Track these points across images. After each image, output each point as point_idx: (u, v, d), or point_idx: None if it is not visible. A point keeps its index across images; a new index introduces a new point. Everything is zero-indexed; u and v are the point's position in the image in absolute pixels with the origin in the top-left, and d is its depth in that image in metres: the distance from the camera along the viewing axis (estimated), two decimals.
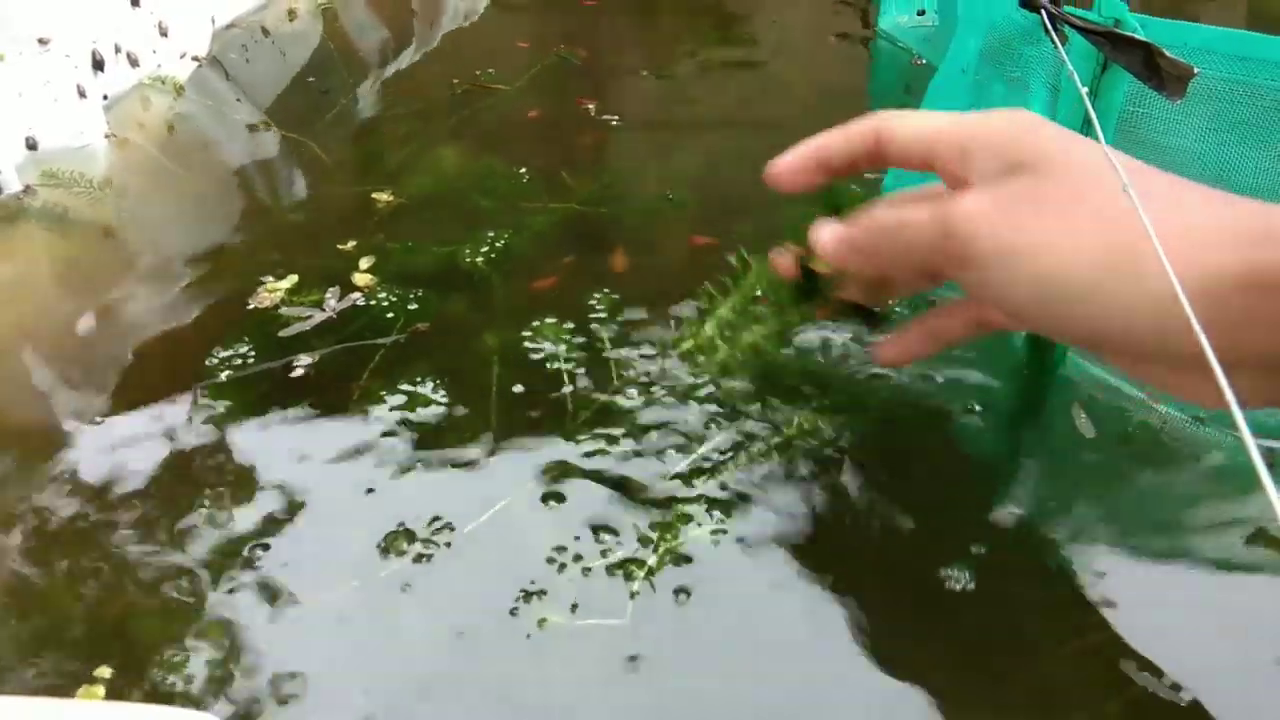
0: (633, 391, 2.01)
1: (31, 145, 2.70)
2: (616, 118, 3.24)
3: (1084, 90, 1.83)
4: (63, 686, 1.50)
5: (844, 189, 1.38)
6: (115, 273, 2.57)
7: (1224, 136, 1.85)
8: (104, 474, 1.89)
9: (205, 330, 2.22)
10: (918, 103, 2.36)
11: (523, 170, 2.98)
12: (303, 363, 2.08)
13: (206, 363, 2.10)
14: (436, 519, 1.76)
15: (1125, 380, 2.05)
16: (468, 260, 2.49)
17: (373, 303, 2.26)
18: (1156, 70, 1.75)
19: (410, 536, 1.71)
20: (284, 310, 2.23)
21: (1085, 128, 1.90)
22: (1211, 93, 1.79)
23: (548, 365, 2.12)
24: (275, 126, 3.11)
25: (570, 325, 2.20)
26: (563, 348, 2.12)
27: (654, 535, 1.70)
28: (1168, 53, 1.68)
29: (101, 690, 1.46)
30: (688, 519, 1.72)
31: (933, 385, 2.15)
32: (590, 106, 3.28)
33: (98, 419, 2.10)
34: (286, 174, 2.95)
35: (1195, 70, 1.69)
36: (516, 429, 2.01)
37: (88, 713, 0.69)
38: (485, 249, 2.48)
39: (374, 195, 2.72)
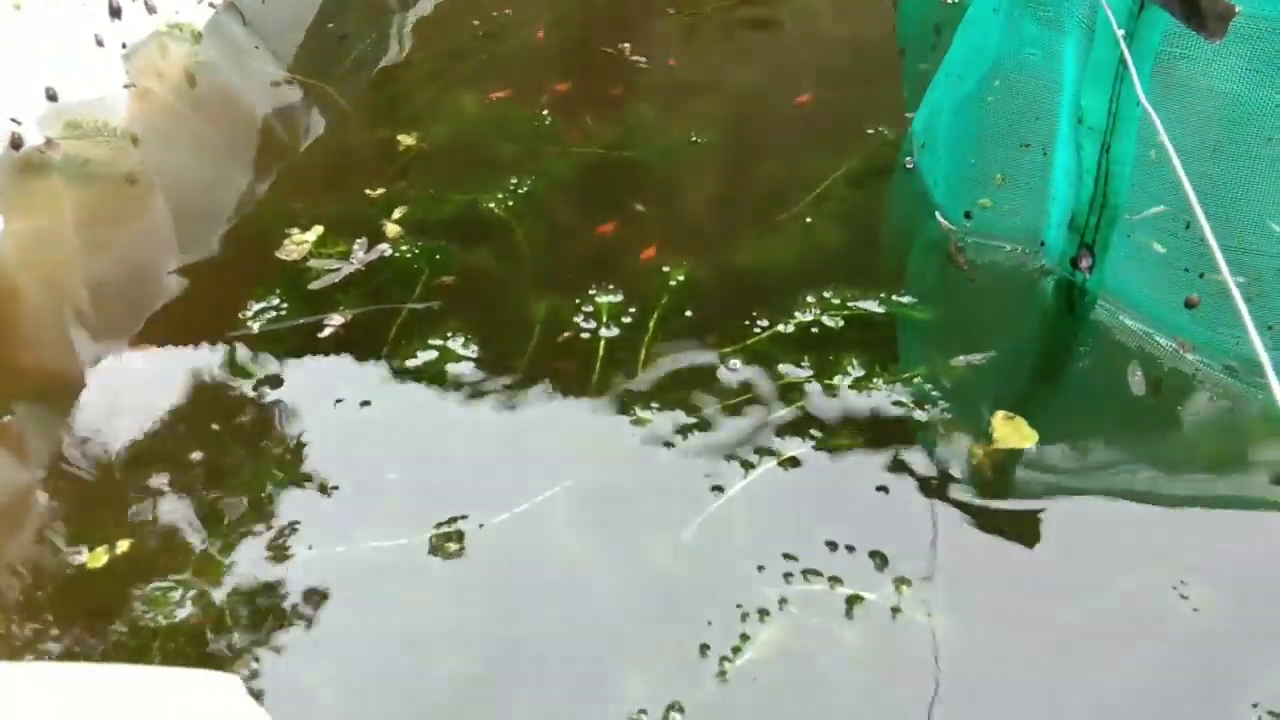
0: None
1: (51, 96, 2.68)
2: (643, 59, 3.18)
3: (1120, 32, 1.79)
4: (79, 649, 1.53)
5: None
6: (140, 223, 2.57)
7: (1264, 78, 1.80)
8: (128, 424, 1.91)
9: (235, 282, 2.23)
10: (948, 42, 2.31)
11: (545, 113, 2.94)
12: (333, 322, 2.09)
13: (239, 315, 2.11)
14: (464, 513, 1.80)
15: (1157, 328, 2.04)
16: (490, 209, 2.48)
17: (398, 254, 2.26)
18: (1196, 9, 1.70)
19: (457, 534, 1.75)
20: (312, 263, 2.23)
21: (1120, 70, 1.85)
22: (1252, 33, 1.74)
23: (576, 324, 2.14)
24: (296, 79, 3.08)
25: (600, 283, 2.21)
26: (588, 308, 2.13)
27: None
28: None
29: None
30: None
31: (964, 330, 2.15)
32: (625, 47, 3.24)
33: (125, 369, 2.13)
34: (307, 122, 2.92)
35: (1237, 9, 1.64)
36: (547, 379, 2.02)
37: (116, 675, 0.70)
38: (507, 197, 2.46)
39: (399, 137, 2.70)
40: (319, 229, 2.31)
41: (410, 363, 2.01)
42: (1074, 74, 1.95)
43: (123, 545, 1.66)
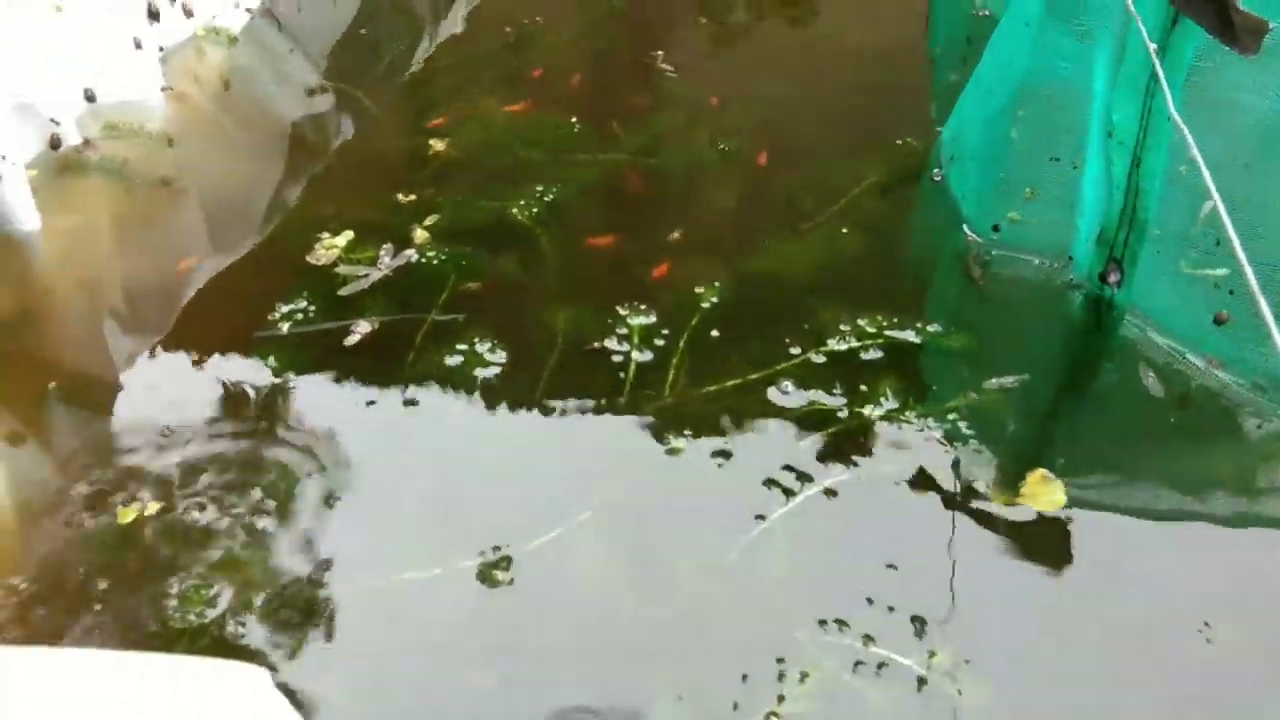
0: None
1: (90, 97, 2.72)
2: (673, 67, 3.19)
3: (1152, 46, 1.78)
4: (118, 630, 1.55)
5: None
6: (174, 225, 2.61)
7: None
8: (161, 422, 1.94)
9: (265, 284, 2.25)
10: (978, 54, 2.30)
11: (573, 120, 2.95)
12: (361, 329, 2.10)
13: (268, 316, 2.14)
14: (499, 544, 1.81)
15: (1186, 344, 2.02)
16: (516, 216, 2.48)
17: (424, 260, 2.28)
18: (1229, 23, 1.69)
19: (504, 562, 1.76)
20: (341, 268, 2.25)
21: (1152, 84, 1.84)
22: None
23: (605, 344, 2.13)
24: (329, 84, 3.11)
25: (629, 298, 2.22)
26: (618, 327, 2.14)
27: None
28: (1241, 5, 1.62)
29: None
30: None
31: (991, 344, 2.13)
32: (655, 55, 3.24)
33: (158, 369, 2.16)
34: (339, 127, 2.95)
35: (1270, 24, 1.63)
36: (571, 390, 2.03)
37: (141, 663, 0.71)
38: (534, 205, 2.46)
39: (429, 143, 2.72)
40: (349, 234, 2.33)
41: (436, 371, 2.03)
42: (1105, 87, 1.94)
43: (153, 542, 1.68)
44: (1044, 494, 1.75)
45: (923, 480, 1.79)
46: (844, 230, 2.38)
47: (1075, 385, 2.13)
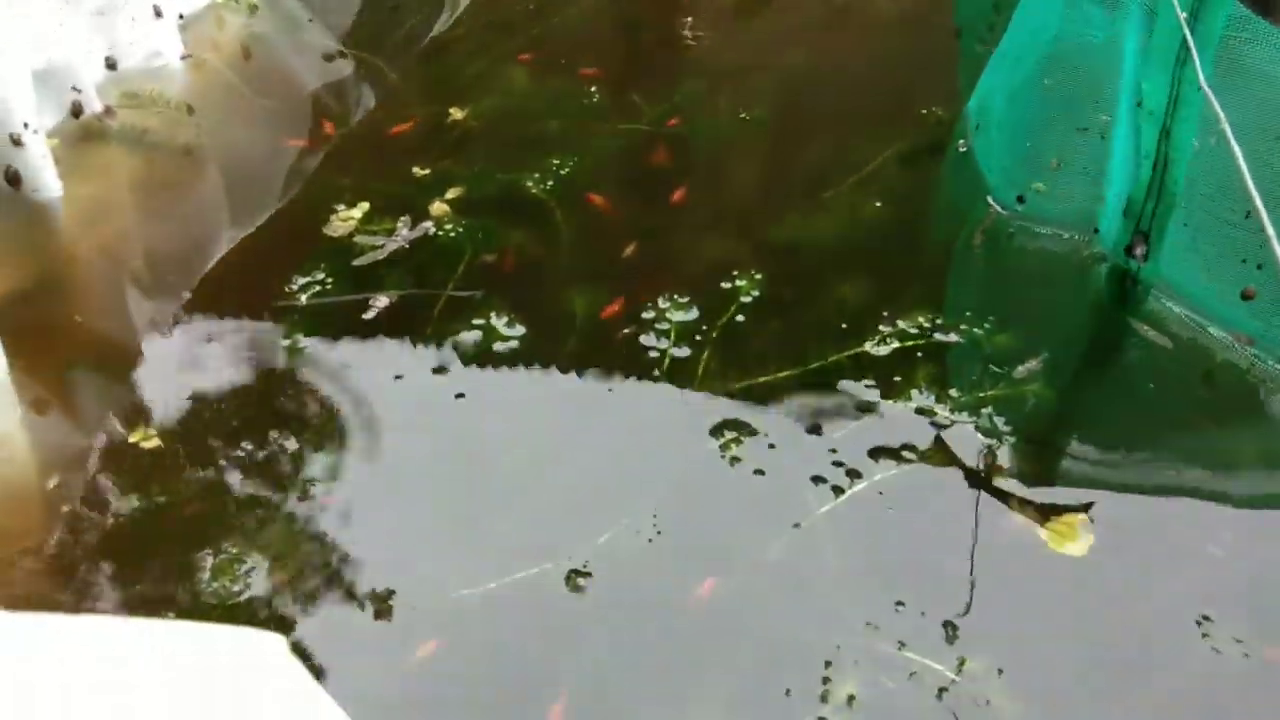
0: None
1: (111, 65, 2.72)
2: (694, 35, 3.14)
3: (1182, 15, 1.74)
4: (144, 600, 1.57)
5: None
6: (194, 193, 2.61)
7: None
8: (181, 390, 1.95)
9: (282, 255, 2.25)
10: (1006, 23, 2.26)
11: (593, 89, 2.91)
12: (379, 303, 2.09)
13: (286, 288, 2.14)
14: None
15: (1212, 319, 2.00)
16: (532, 190, 2.45)
17: (441, 232, 2.28)
18: None
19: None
20: (358, 239, 2.25)
21: (1182, 54, 1.80)
22: None
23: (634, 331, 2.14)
24: (348, 52, 3.09)
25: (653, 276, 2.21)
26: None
27: None
28: None
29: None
30: None
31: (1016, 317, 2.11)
32: (678, 23, 3.20)
33: (178, 336, 2.16)
34: (358, 96, 2.93)
35: None
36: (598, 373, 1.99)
37: (154, 629, 0.72)
38: (552, 176, 2.44)
39: (449, 111, 2.71)
40: (365, 205, 2.33)
41: (452, 346, 2.02)
42: (1134, 57, 1.90)
43: (183, 509, 1.70)
44: (1069, 539, 1.67)
45: (954, 476, 1.77)
46: (870, 202, 2.35)
47: (1101, 362, 2.11)
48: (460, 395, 1.92)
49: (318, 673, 1.47)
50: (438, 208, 2.32)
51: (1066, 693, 1.48)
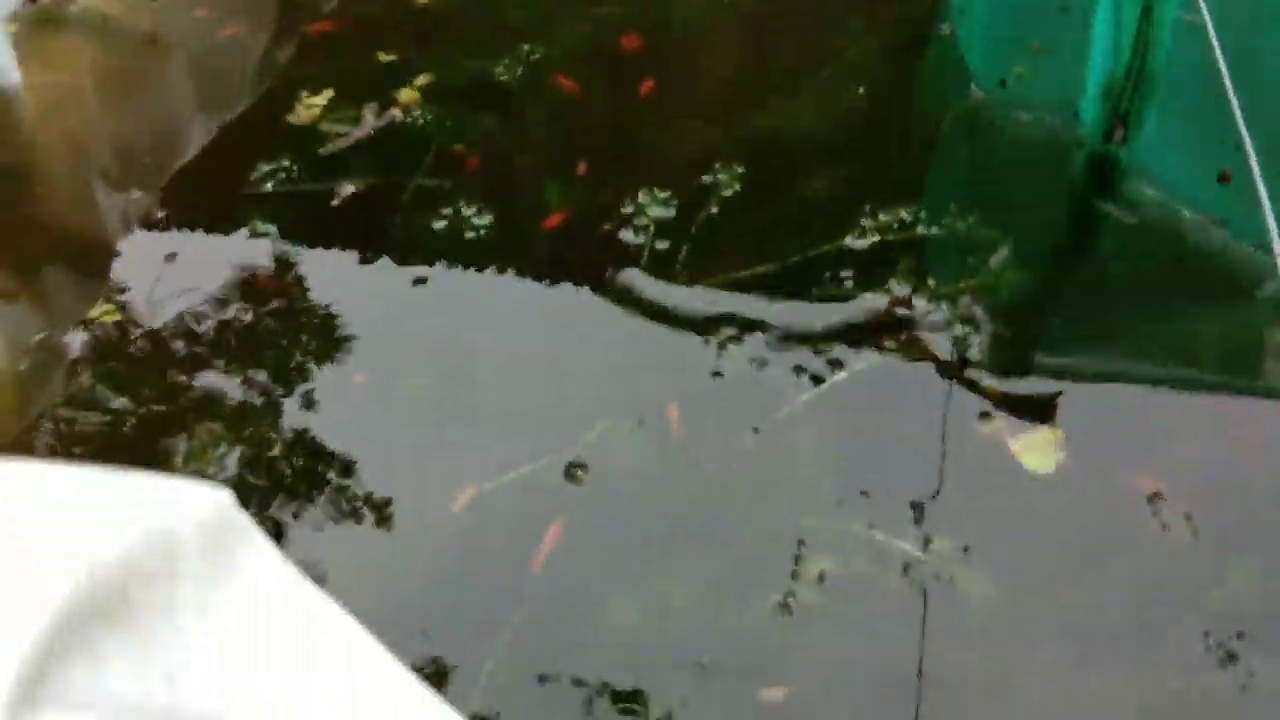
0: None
1: None
2: None
3: None
4: None
5: None
6: (160, 83, 2.55)
7: None
8: (153, 286, 1.94)
9: (247, 143, 2.21)
10: None
11: None
12: (344, 191, 2.07)
13: (250, 176, 2.11)
14: None
15: (1189, 204, 1.98)
16: (501, 77, 2.38)
17: (409, 120, 2.23)
18: None
19: None
20: (323, 126, 2.20)
21: None
22: None
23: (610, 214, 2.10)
24: None
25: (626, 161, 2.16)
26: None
27: None
28: None
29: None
30: None
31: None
32: None
33: (147, 229, 2.14)
34: None
35: None
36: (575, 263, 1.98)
37: (111, 480, 0.71)
38: (519, 63, 2.38)
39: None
40: (330, 93, 2.28)
41: (421, 236, 2.00)
42: None
43: (147, 401, 1.70)
44: (1036, 454, 1.66)
45: (927, 368, 1.78)
46: (853, 89, 2.30)
47: (1077, 249, 2.10)
48: (421, 281, 1.91)
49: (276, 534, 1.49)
50: (405, 95, 2.27)
51: (1028, 570, 1.51)
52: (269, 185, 2.08)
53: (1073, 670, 1.41)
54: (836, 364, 1.76)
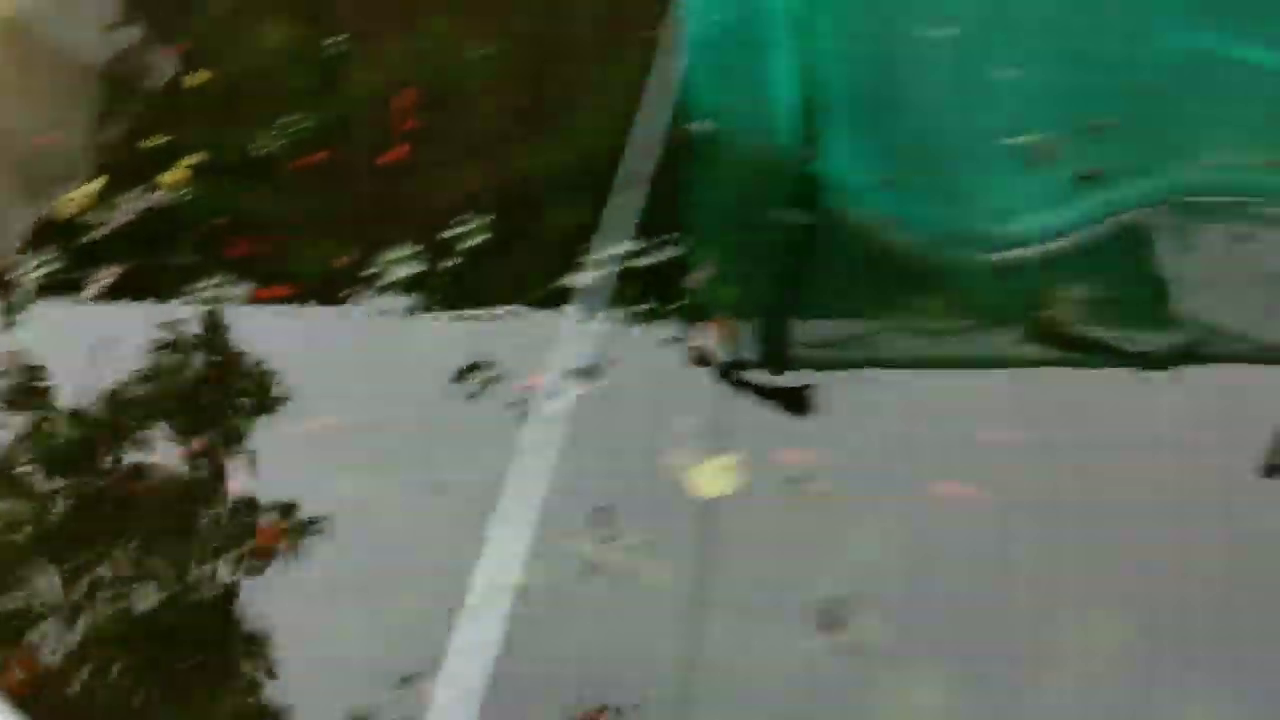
0: None
1: None
2: None
3: None
4: None
5: None
6: None
7: None
8: None
9: (19, 233, 2.32)
10: None
11: (342, 38, 2.85)
12: (104, 276, 2.17)
13: (18, 272, 2.22)
14: None
15: (873, 206, 2.16)
16: (264, 151, 2.49)
17: (174, 199, 2.37)
18: None
19: None
20: (90, 215, 2.33)
21: None
22: None
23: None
24: (122, 23, 2.97)
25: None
26: None
27: None
28: None
29: None
30: None
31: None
32: None
33: None
34: (142, 64, 2.91)
35: None
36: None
37: None
38: (282, 138, 2.51)
39: (188, 76, 2.73)
40: (102, 179, 2.40)
41: (186, 310, 2.15)
42: None
43: None
44: (711, 480, 1.81)
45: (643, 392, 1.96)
46: (593, 127, 2.48)
47: (793, 257, 2.28)
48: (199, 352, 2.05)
49: None
50: (172, 176, 2.40)
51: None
52: (34, 275, 2.20)
53: None
54: (563, 391, 1.93)
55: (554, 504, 1.75)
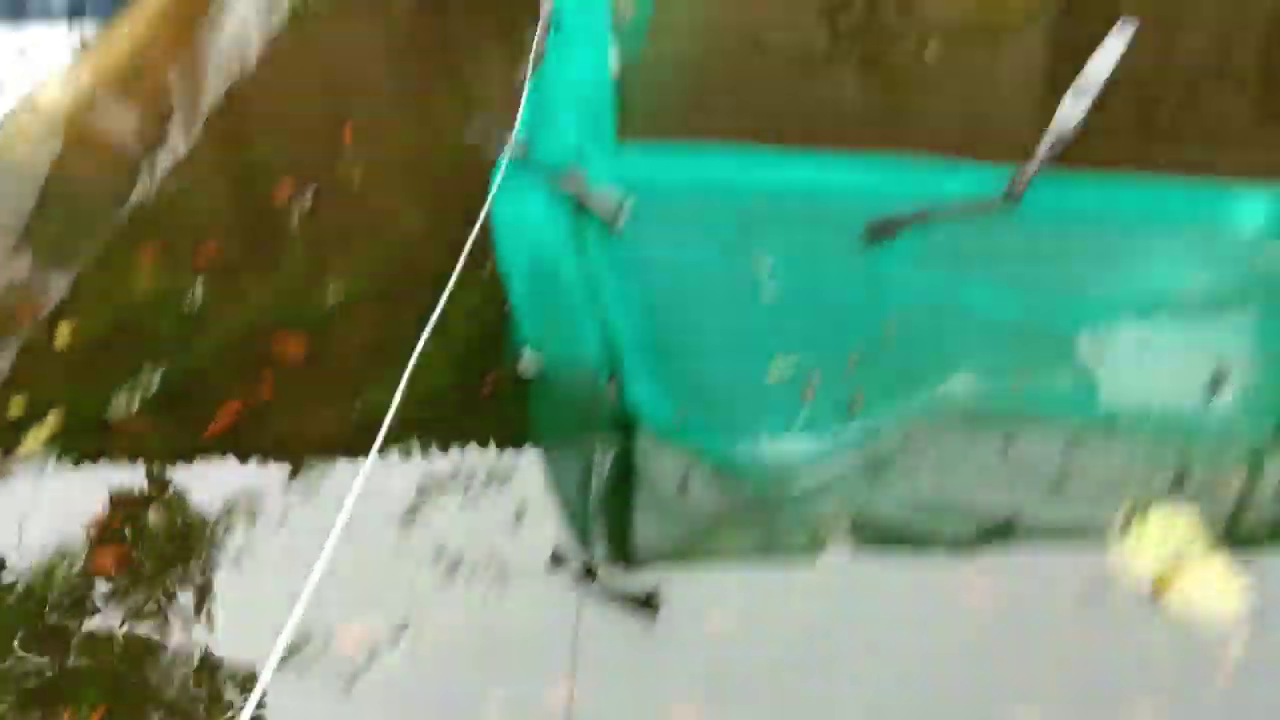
0: None
1: None
2: (309, 195, 3.24)
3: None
4: None
5: None
6: None
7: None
8: None
9: None
10: None
11: (201, 277, 2.94)
12: None
13: None
14: None
15: (678, 438, 2.38)
16: (125, 410, 2.57)
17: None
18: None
19: None
20: None
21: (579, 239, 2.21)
22: None
23: None
24: None
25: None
26: None
27: None
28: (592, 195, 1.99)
29: None
30: None
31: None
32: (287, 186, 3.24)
33: None
34: None
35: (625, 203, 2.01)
36: None
37: None
38: (143, 392, 2.62)
39: (60, 326, 2.80)
40: None
41: None
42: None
43: None
44: None
45: None
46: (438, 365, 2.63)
47: (621, 483, 2.45)
48: None
49: None
50: (32, 444, 2.51)
51: None
52: None
53: None
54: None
55: None
